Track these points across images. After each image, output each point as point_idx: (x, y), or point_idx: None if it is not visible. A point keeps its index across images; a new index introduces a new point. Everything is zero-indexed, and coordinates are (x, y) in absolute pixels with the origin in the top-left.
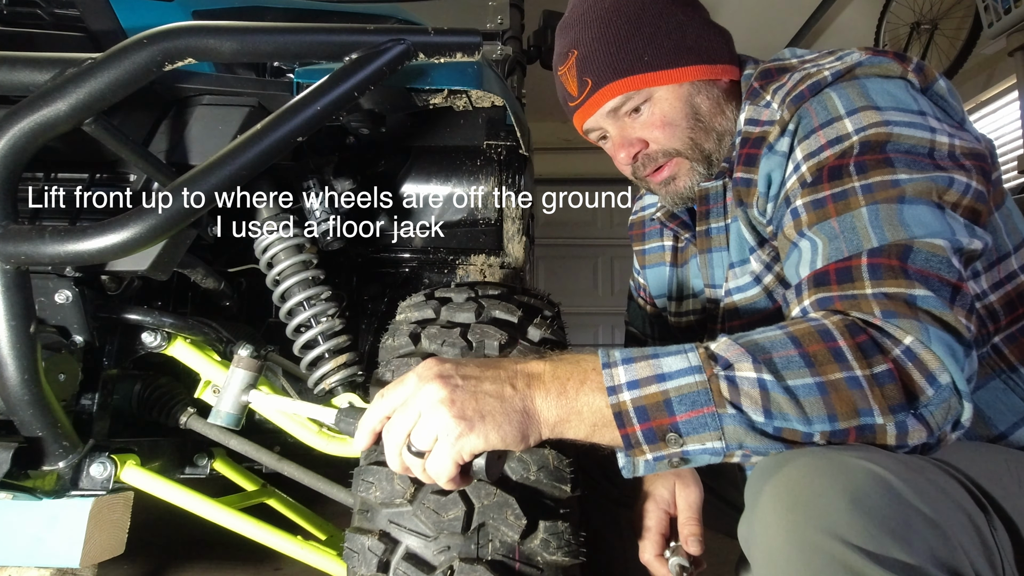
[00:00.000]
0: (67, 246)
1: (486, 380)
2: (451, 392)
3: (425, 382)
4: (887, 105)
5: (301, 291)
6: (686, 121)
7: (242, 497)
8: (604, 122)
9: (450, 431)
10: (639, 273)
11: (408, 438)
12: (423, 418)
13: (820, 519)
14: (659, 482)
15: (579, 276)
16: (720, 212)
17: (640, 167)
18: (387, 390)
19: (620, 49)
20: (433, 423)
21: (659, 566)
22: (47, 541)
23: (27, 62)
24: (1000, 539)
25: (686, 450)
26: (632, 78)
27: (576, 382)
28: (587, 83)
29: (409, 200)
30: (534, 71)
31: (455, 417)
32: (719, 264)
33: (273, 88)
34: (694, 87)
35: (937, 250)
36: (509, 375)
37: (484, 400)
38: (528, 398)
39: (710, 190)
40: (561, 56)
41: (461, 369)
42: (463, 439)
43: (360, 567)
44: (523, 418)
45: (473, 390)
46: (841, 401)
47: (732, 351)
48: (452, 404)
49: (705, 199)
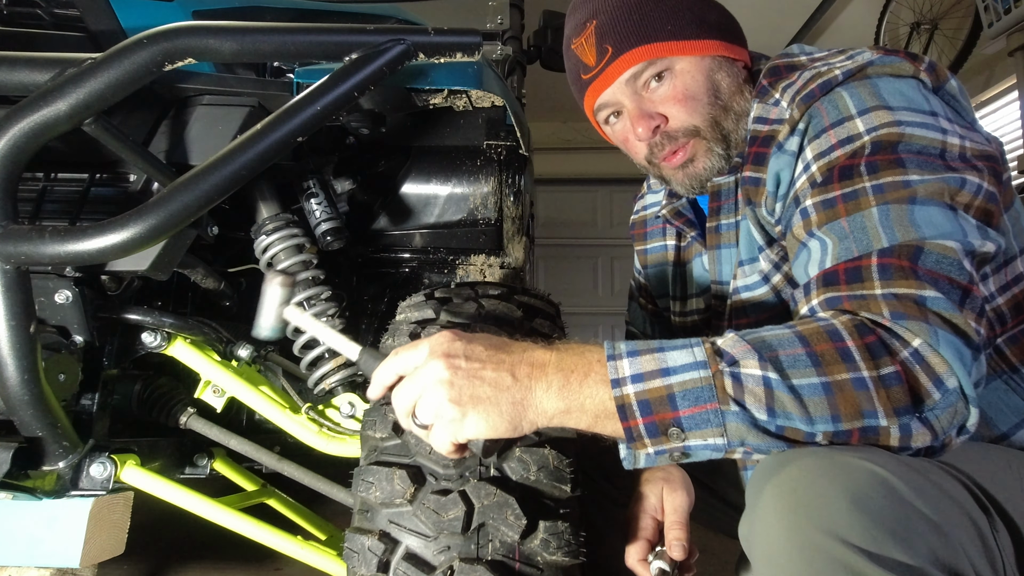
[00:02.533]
0: (67, 246)
1: (489, 366)
2: (452, 374)
3: (433, 357)
4: (899, 105)
5: (301, 291)
6: (707, 96)
7: (242, 497)
8: (621, 94)
9: (444, 414)
10: (640, 273)
11: (414, 408)
12: (424, 394)
13: (821, 520)
14: (648, 487)
15: (579, 276)
16: (731, 208)
17: (657, 147)
18: (402, 350)
19: (644, 17)
20: (432, 402)
21: (642, 570)
22: (47, 541)
23: (27, 62)
24: (1001, 540)
25: (688, 445)
26: (655, 45)
27: (580, 374)
28: (607, 50)
29: (409, 200)
30: (534, 71)
31: (451, 401)
32: (727, 260)
33: (273, 88)
34: (715, 62)
35: (948, 252)
36: (513, 362)
37: (481, 387)
38: (527, 388)
39: (722, 185)
40: (577, 27)
41: (470, 349)
42: (454, 424)
43: (360, 567)
44: (517, 409)
45: (473, 375)
46: (846, 402)
47: (738, 347)
48: (451, 387)
49: (717, 195)
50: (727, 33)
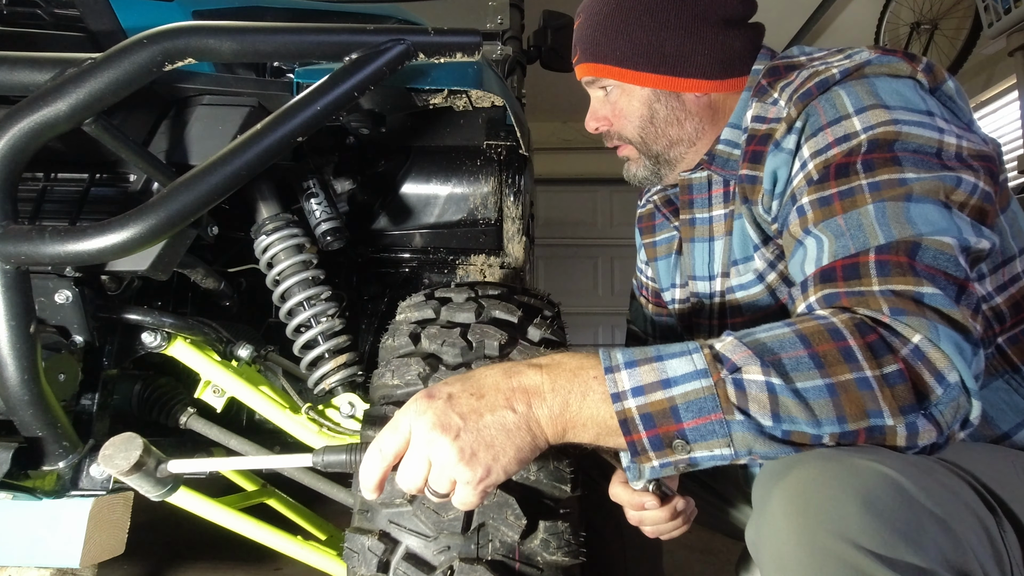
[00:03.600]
0: (67, 246)
1: (485, 411)
2: (455, 439)
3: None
4: (896, 104)
5: (301, 291)
6: (639, 120)
7: (242, 497)
8: (586, 86)
9: (470, 478)
10: (642, 271)
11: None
12: (436, 468)
13: (832, 523)
14: None
15: (579, 276)
16: (705, 203)
17: (607, 137)
18: (383, 440)
19: (603, 35)
20: (448, 473)
21: (625, 492)
22: (47, 541)
23: (27, 62)
24: (1009, 541)
25: (693, 456)
26: (600, 66)
27: (578, 395)
28: (576, 51)
29: (409, 200)
30: (534, 71)
31: (468, 465)
32: (700, 255)
33: (273, 88)
34: (654, 94)
35: (945, 248)
36: (507, 397)
37: (491, 436)
38: (530, 417)
39: (693, 180)
40: (577, 14)
41: (455, 405)
42: (485, 482)
43: (360, 567)
44: (530, 437)
45: (477, 429)
46: (851, 402)
47: (739, 353)
48: (462, 453)
49: (688, 188)
50: (679, 67)
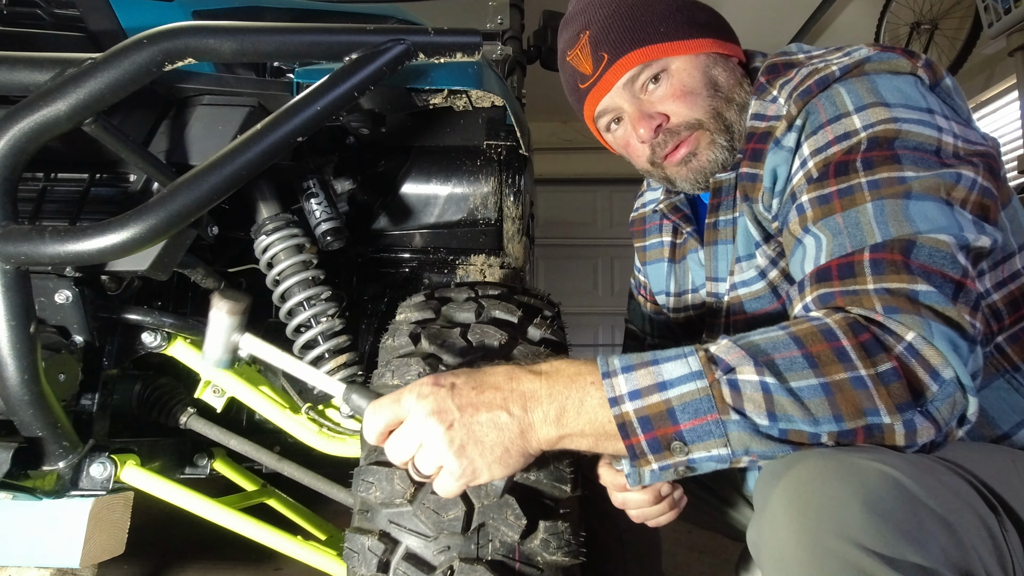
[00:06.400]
0: (67, 246)
1: (482, 408)
2: (448, 429)
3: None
4: (896, 102)
5: (301, 291)
6: (706, 90)
7: (242, 497)
8: (620, 99)
9: (453, 468)
10: (640, 270)
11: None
12: (424, 448)
13: (833, 523)
14: None
15: (579, 276)
16: (730, 205)
17: (659, 146)
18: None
19: (636, 22)
20: (435, 456)
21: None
22: (47, 541)
23: (27, 62)
24: (1011, 540)
25: (692, 458)
26: (650, 47)
27: (576, 401)
28: (603, 57)
29: (409, 200)
30: (534, 71)
31: (456, 455)
32: (723, 257)
33: (273, 88)
34: (710, 59)
35: (941, 245)
36: (504, 398)
37: (482, 433)
38: (525, 422)
39: (723, 182)
40: (571, 40)
41: (456, 397)
42: (466, 476)
43: (360, 567)
44: (522, 442)
45: (470, 424)
46: (847, 401)
47: (733, 354)
48: (451, 443)
49: (719, 191)
50: (718, 31)
